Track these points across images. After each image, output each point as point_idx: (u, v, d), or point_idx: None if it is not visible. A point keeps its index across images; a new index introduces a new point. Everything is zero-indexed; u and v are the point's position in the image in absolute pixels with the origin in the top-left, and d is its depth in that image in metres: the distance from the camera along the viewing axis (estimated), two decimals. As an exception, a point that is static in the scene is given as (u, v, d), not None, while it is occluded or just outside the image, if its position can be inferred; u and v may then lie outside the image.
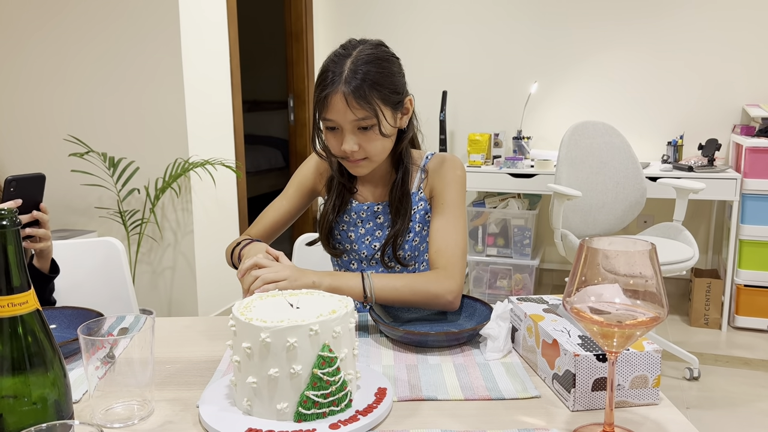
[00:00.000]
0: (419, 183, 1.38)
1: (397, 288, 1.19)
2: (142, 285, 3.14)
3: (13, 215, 0.69)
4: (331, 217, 1.39)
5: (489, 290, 3.61)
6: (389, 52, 1.28)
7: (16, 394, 0.70)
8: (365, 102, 1.19)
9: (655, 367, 0.89)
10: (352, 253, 1.41)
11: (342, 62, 1.21)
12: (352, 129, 1.23)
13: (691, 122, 3.60)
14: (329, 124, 1.25)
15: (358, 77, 1.19)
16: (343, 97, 1.19)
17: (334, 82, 1.20)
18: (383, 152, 1.28)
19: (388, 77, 1.23)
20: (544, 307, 1.04)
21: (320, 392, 0.82)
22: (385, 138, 1.25)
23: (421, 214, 1.37)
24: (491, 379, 0.96)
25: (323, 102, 1.22)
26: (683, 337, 3.16)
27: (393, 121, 1.26)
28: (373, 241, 1.39)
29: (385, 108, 1.23)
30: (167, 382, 0.98)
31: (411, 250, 1.37)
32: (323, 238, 1.42)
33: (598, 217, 2.90)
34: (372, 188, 1.41)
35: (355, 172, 1.32)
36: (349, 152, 1.24)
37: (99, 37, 3.02)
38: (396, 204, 1.35)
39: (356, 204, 1.40)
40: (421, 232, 1.38)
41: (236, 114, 3.30)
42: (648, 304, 0.75)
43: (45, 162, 3.17)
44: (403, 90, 1.29)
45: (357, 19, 4.10)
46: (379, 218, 1.39)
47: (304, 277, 1.15)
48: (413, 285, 1.20)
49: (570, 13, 3.71)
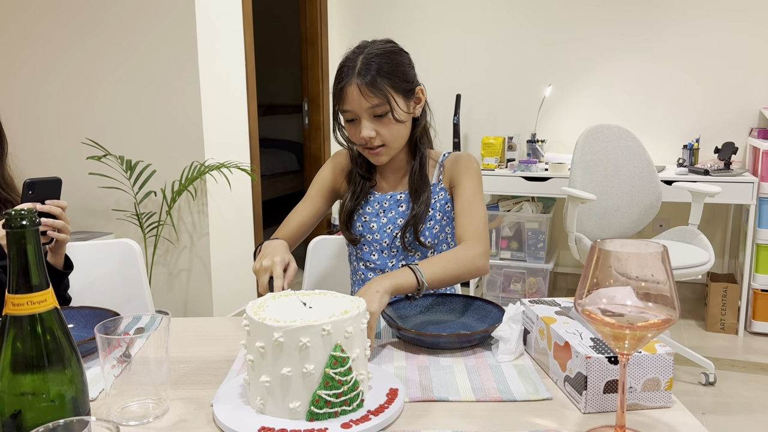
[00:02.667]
0: (438, 176, 1.47)
1: (444, 266, 1.25)
2: (158, 286, 3.16)
3: (33, 215, 0.71)
4: (350, 204, 1.48)
5: (503, 294, 3.60)
6: (397, 47, 1.40)
7: (34, 391, 0.72)
8: (377, 89, 1.31)
9: (667, 370, 0.88)
10: (373, 243, 1.47)
11: (355, 58, 1.34)
12: (368, 116, 1.34)
13: (707, 125, 3.57)
14: (348, 116, 1.36)
15: (369, 68, 1.31)
16: (357, 88, 1.31)
17: (348, 75, 1.32)
18: (399, 138, 1.39)
19: (397, 67, 1.34)
20: (556, 310, 1.04)
21: (332, 392, 0.83)
22: (400, 124, 1.36)
23: (441, 203, 1.45)
24: (503, 380, 0.97)
25: (340, 94, 1.34)
26: (699, 342, 3.13)
27: (406, 108, 1.37)
28: (394, 230, 1.45)
29: (396, 95, 1.33)
30: (182, 381, 1.00)
31: (431, 237, 1.44)
32: (342, 223, 1.50)
33: (613, 221, 2.89)
34: (393, 179, 1.50)
35: (376, 161, 1.42)
36: (367, 138, 1.34)
37: (117, 41, 3.06)
38: (415, 187, 1.44)
39: (379, 194, 1.49)
40: (441, 221, 1.45)
41: (251, 118, 3.33)
42: (660, 307, 0.75)
43: (63, 165, 3.21)
44: (413, 80, 1.40)
45: (371, 24, 4.11)
46: (401, 207, 1.46)
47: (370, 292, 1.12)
48: (455, 258, 1.28)
49: (585, 17, 3.69)
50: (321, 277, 1.76)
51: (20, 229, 0.70)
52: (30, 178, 1.25)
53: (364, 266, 1.49)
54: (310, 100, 4.13)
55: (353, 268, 1.55)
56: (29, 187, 1.25)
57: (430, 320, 1.24)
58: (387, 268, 1.45)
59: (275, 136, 6.07)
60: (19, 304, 0.71)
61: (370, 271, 1.48)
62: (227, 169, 2.94)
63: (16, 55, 3.23)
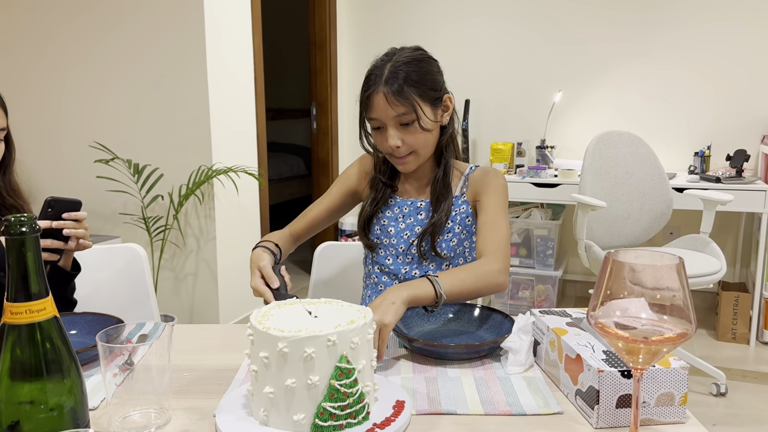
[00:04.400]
0: (461, 188, 1.44)
1: (463, 279, 1.22)
2: (164, 291, 3.16)
3: (33, 222, 0.69)
4: (369, 209, 1.46)
5: (511, 301, 3.57)
6: (426, 54, 1.39)
7: (32, 400, 0.70)
8: (403, 98, 1.29)
9: (682, 385, 0.86)
10: (389, 248, 1.45)
11: (383, 66, 1.33)
12: (394, 125, 1.32)
13: (719, 132, 3.54)
14: (374, 124, 1.36)
15: (396, 77, 1.30)
16: (384, 96, 1.30)
17: (375, 83, 1.32)
18: (426, 146, 1.37)
19: (424, 75, 1.33)
20: (568, 321, 1.02)
21: (337, 404, 0.81)
22: (427, 132, 1.34)
23: (462, 216, 1.42)
24: (512, 393, 0.94)
25: (366, 102, 1.34)
26: (710, 351, 3.09)
27: (433, 117, 1.35)
28: (411, 236, 1.43)
29: (423, 104, 1.32)
30: (185, 390, 0.98)
31: (448, 249, 1.41)
32: (360, 229, 1.49)
33: (623, 228, 2.86)
34: (416, 185, 1.48)
35: (403, 169, 1.41)
36: (393, 147, 1.33)
37: (125, 45, 3.06)
38: (437, 195, 1.42)
39: (400, 199, 1.47)
40: (460, 235, 1.42)
41: (259, 122, 3.32)
42: (675, 320, 0.73)
43: (71, 168, 3.21)
44: (441, 87, 1.38)
45: (380, 29, 4.11)
46: (420, 214, 1.44)
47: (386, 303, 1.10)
48: (474, 272, 1.24)
49: (595, 22, 3.67)
50: (327, 284, 1.74)
51: (20, 236, 0.69)
52: (51, 196, 1.26)
53: (378, 270, 1.47)
54: (319, 105, 4.12)
55: (367, 271, 1.53)
56: (49, 204, 1.25)
57: (437, 330, 1.21)
58: (401, 274, 1.43)
59: (283, 140, 6.06)
60: (17, 313, 0.69)
61: (384, 275, 1.46)
62: (234, 173, 2.93)
63: (25, 61, 3.24)
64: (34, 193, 3.09)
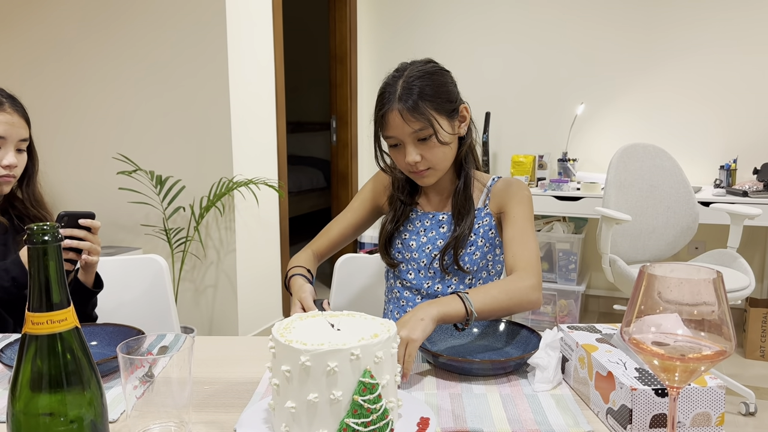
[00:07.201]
0: (484, 200, 1.41)
1: (495, 296, 1.18)
2: (184, 302, 3.16)
3: (55, 231, 0.69)
4: (390, 228, 1.44)
5: (532, 316, 3.52)
6: (438, 66, 1.35)
7: (52, 412, 0.69)
8: (419, 114, 1.27)
9: (718, 404, 0.83)
10: (411, 262, 1.43)
11: (395, 82, 1.30)
12: (412, 141, 1.30)
13: (745, 146, 3.48)
14: (391, 141, 1.33)
15: (410, 93, 1.27)
16: (399, 113, 1.28)
17: (389, 100, 1.29)
18: (445, 160, 1.34)
19: (438, 88, 1.30)
20: (597, 337, 0.99)
21: (361, 420, 0.79)
22: (445, 146, 1.32)
23: (485, 229, 1.39)
24: (540, 411, 0.92)
25: (381, 120, 1.31)
26: (738, 369, 3.01)
27: (450, 129, 1.33)
28: (433, 249, 1.41)
29: (439, 117, 1.29)
30: (205, 403, 0.97)
31: (471, 263, 1.38)
32: (381, 248, 1.46)
33: (648, 243, 2.81)
34: (436, 199, 1.46)
35: (423, 183, 1.38)
36: (413, 164, 1.31)
37: (148, 57, 3.09)
38: (459, 208, 1.38)
39: (421, 213, 1.45)
40: (483, 248, 1.39)
41: (280, 135, 3.33)
42: (713, 336, 0.70)
43: (94, 179, 3.24)
44: (456, 98, 1.35)
45: (400, 42, 4.11)
46: (442, 227, 1.41)
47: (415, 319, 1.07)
48: (507, 289, 1.20)
49: (617, 34, 3.64)
50: (348, 296, 1.72)
51: (42, 245, 0.68)
52: (64, 211, 1.27)
53: (400, 284, 1.45)
54: (338, 118, 4.13)
55: (389, 285, 1.51)
56: (61, 219, 1.26)
57: (462, 345, 1.19)
58: (423, 289, 1.41)
59: (303, 153, 6.08)
60: (39, 323, 0.68)
61: (406, 290, 1.44)
62: (255, 185, 2.94)
63: (48, 72, 3.28)
64: (57, 205, 3.12)
